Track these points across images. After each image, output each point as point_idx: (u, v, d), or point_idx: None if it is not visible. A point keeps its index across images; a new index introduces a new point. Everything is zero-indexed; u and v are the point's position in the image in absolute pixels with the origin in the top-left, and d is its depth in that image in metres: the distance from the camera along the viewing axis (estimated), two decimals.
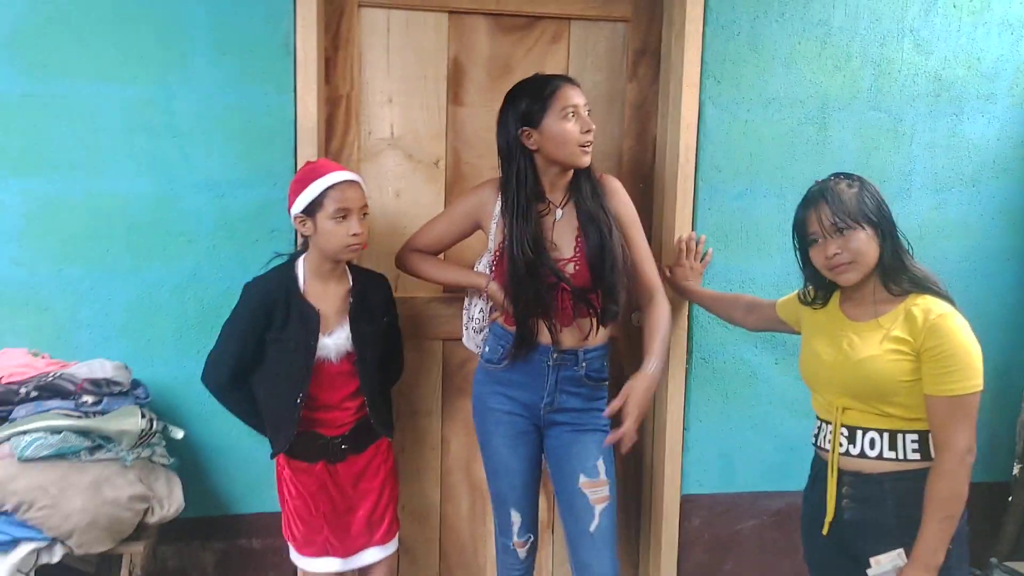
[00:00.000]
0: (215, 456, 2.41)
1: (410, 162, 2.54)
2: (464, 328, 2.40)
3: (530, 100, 2.09)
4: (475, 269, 2.32)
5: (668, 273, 2.52)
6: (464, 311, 2.39)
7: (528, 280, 2.10)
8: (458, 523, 2.72)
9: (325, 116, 2.44)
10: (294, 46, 2.31)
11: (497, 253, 2.19)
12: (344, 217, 2.04)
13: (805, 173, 2.46)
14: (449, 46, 2.52)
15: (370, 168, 2.52)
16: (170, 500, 2.12)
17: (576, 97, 2.09)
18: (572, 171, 2.16)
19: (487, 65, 2.55)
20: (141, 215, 2.30)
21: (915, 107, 2.63)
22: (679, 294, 2.53)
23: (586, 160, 2.12)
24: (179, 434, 2.20)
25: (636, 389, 2.12)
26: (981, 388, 1.76)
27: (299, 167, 2.23)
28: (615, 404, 2.14)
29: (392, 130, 2.52)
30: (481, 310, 2.32)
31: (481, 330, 2.34)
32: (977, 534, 2.85)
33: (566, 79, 2.13)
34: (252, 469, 2.42)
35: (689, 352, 2.62)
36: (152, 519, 2.08)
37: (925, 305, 1.79)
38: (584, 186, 2.16)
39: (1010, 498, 2.83)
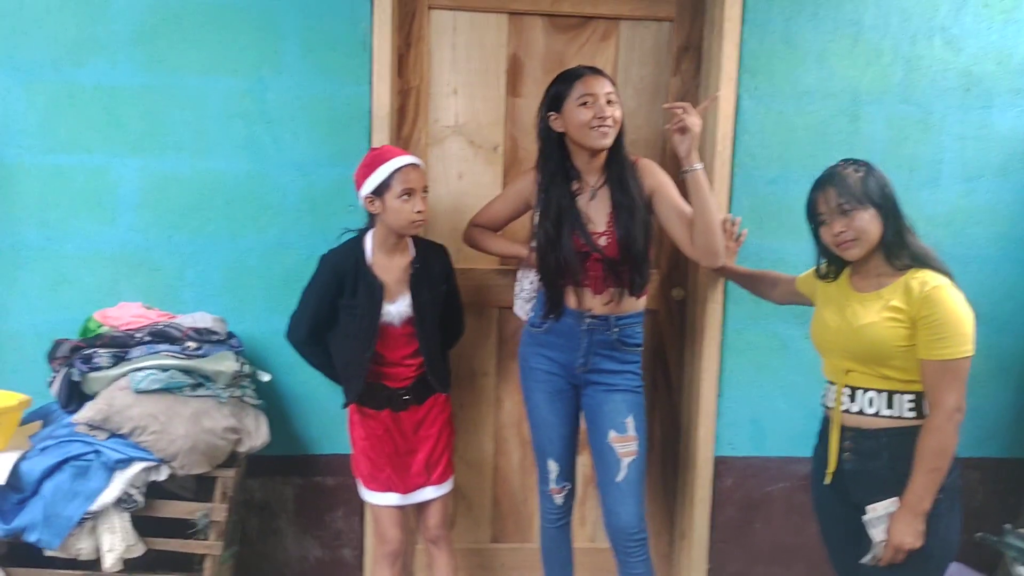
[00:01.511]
0: (296, 402, 2.73)
1: (472, 147, 2.82)
2: (515, 298, 2.66)
3: (557, 88, 2.35)
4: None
5: None
6: (516, 283, 2.66)
7: (550, 248, 2.35)
8: (510, 474, 3.00)
9: (397, 106, 2.74)
10: (371, 44, 2.61)
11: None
12: (409, 196, 2.30)
13: (835, 161, 2.63)
14: (508, 43, 2.79)
15: (436, 152, 2.81)
16: (257, 434, 2.45)
17: (594, 86, 2.31)
18: (604, 154, 2.37)
19: (543, 60, 2.81)
20: (237, 190, 2.63)
21: (945, 100, 2.78)
22: (715, 272, 2.75)
23: (603, 142, 2.32)
24: (266, 377, 2.54)
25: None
26: (971, 353, 1.93)
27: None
28: None
29: (456, 119, 2.81)
30: (531, 282, 2.57)
31: (530, 300, 2.60)
32: (1003, 506, 3.01)
33: (590, 70, 2.35)
34: (327, 415, 2.73)
35: (724, 324, 2.82)
36: (242, 449, 2.42)
37: (922, 278, 1.97)
38: (615, 169, 2.37)
39: None
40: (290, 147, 2.63)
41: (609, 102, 2.31)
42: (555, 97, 2.35)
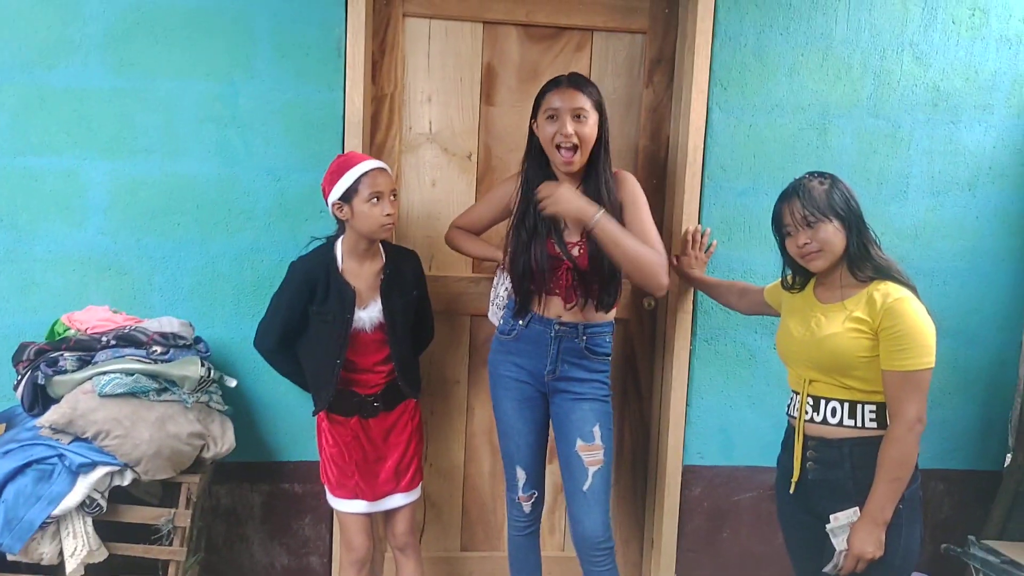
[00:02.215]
0: (264, 408, 2.72)
1: (446, 155, 2.83)
2: (491, 304, 2.66)
3: (538, 95, 2.36)
4: None
5: (675, 261, 2.76)
6: (492, 289, 2.66)
7: (523, 252, 2.36)
8: (480, 482, 3.00)
9: (371, 112, 2.75)
10: (344, 50, 2.61)
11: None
12: (378, 200, 2.30)
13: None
14: (483, 52, 2.80)
15: (410, 159, 2.82)
16: (223, 440, 2.44)
17: (561, 100, 2.27)
18: (582, 168, 2.34)
19: (517, 70, 2.82)
20: (208, 194, 2.63)
21: (913, 115, 2.82)
22: (685, 281, 2.77)
23: (564, 168, 2.31)
24: (232, 383, 2.53)
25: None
26: (932, 365, 1.95)
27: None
28: None
29: (430, 126, 2.82)
30: (507, 288, 2.57)
31: (503, 307, 2.61)
32: (969, 518, 3.05)
33: (569, 80, 2.31)
34: (295, 422, 2.73)
35: (693, 334, 2.85)
36: (207, 455, 2.40)
37: (885, 290, 1.99)
38: (592, 184, 2.34)
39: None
40: (262, 152, 2.63)
41: (577, 117, 2.28)
42: (534, 105, 2.37)
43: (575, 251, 2.37)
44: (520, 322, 2.45)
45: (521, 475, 2.51)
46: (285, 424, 2.74)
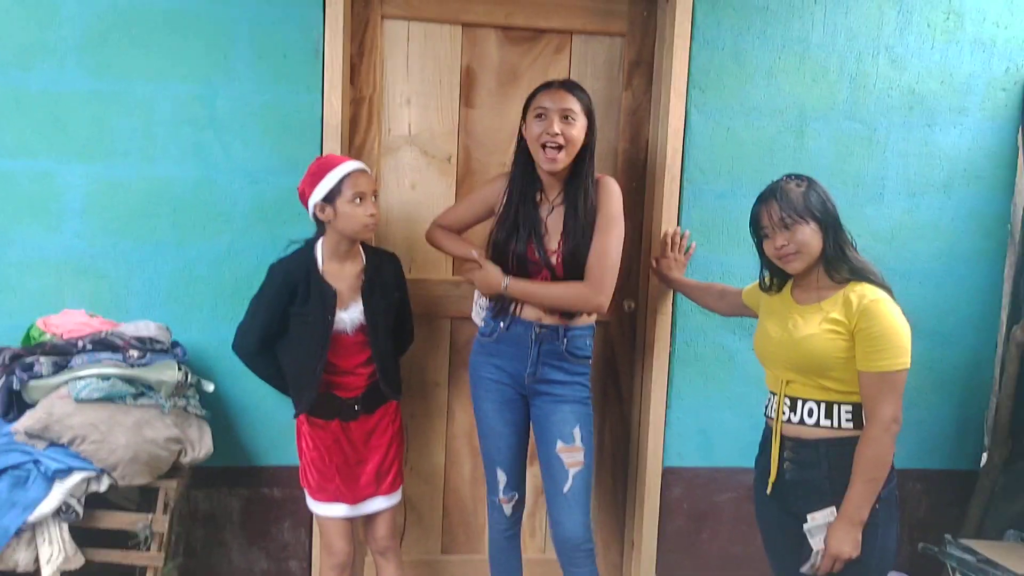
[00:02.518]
0: (243, 413, 2.71)
1: (425, 157, 2.83)
2: (474, 303, 2.66)
3: (529, 96, 2.36)
4: None
5: (654, 264, 2.77)
6: (476, 290, 2.66)
7: (503, 254, 2.38)
8: (461, 485, 3.00)
9: (350, 115, 2.74)
10: (323, 52, 2.60)
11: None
12: (360, 200, 2.31)
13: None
14: (463, 55, 2.80)
15: (389, 162, 2.82)
16: (201, 444, 2.43)
17: (551, 100, 2.29)
18: (565, 171, 2.34)
19: (496, 72, 2.82)
20: (185, 197, 2.61)
21: (889, 118, 2.84)
22: (664, 283, 2.78)
23: (548, 166, 2.30)
24: (210, 387, 2.51)
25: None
26: (908, 366, 1.97)
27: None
28: None
29: (410, 128, 2.81)
30: None
31: (487, 308, 2.60)
32: (946, 517, 3.08)
33: (560, 83, 2.33)
34: (274, 426, 2.71)
35: (673, 336, 2.86)
36: (185, 459, 2.39)
37: (861, 291, 2.01)
38: (572, 190, 2.35)
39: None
40: (240, 154, 2.62)
41: (566, 118, 2.28)
42: (524, 106, 2.37)
43: (553, 258, 2.38)
44: (501, 324, 2.45)
45: (502, 477, 2.51)
46: (264, 428, 2.72)
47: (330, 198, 2.31)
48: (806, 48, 2.78)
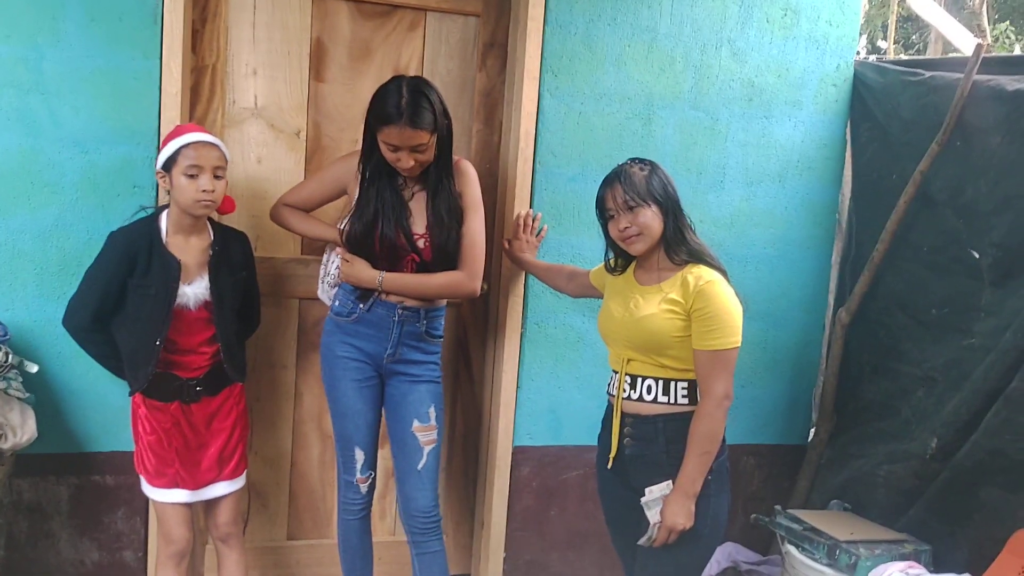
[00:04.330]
0: (71, 396, 2.55)
1: (272, 131, 2.73)
2: (320, 281, 2.61)
3: (374, 111, 2.28)
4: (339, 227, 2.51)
5: (507, 245, 2.79)
6: (322, 266, 2.61)
7: (368, 241, 2.34)
8: (308, 469, 2.94)
9: (191, 83, 2.61)
10: (162, 16, 2.47)
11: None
12: (195, 175, 2.21)
13: None
14: (312, 26, 2.71)
15: (234, 134, 2.70)
16: (23, 429, 2.27)
17: (394, 138, 2.23)
18: None
19: (348, 46, 2.76)
20: (7, 166, 2.42)
21: (730, 109, 2.96)
22: (516, 264, 2.80)
23: (406, 173, 2.32)
24: (33, 368, 2.35)
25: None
26: (739, 344, 2.07)
27: (163, 130, 2.42)
28: None
29: (256, 100, 2.71)
30: (337, 267, 2.53)
31: (335, 285, 2.55)
32: (778, 490, 3.25)
33: (400, 120, 2.21)
34: (107, 410, 2.57)
35: (524, 317, 2.89)
36: (6, 445, 2.23)
37: (698, 273, 2.09)
38: (433, 180, 2.36)
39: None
40: (69, 122, 2.45)
41: (416, 149, 2.26)
42: (369, 117, 2.30)
43: (420, 243, 2.37)
44: (362, 306, 2.41)
45: (360, 456, 2.49)
46: (95, 412, 2.57)
47: (167, 166, 2.23)
48: (654, 37, 2.86)
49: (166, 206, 2.32)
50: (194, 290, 2.29)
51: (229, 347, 2.38)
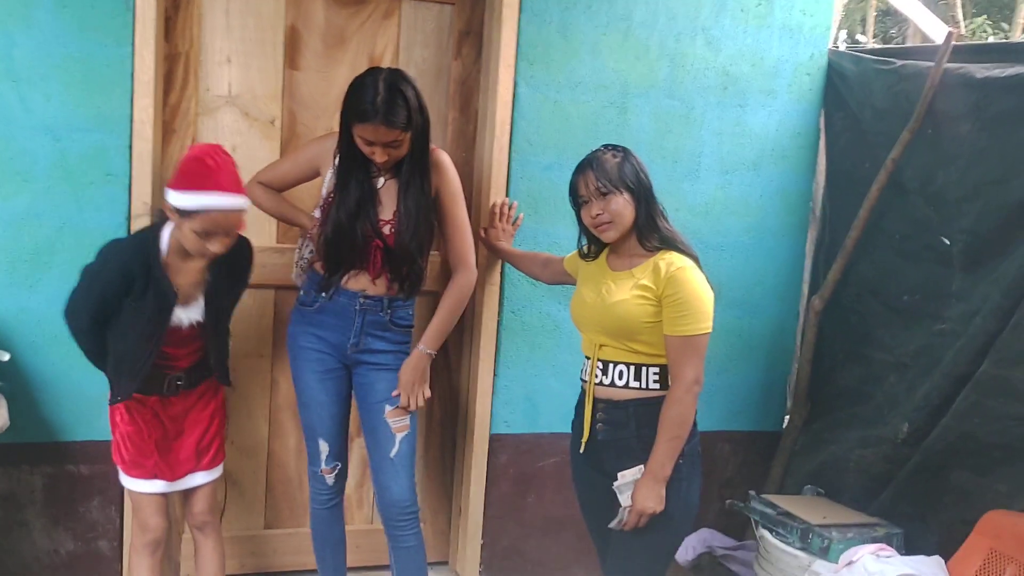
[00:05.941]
0: (45, 385, 2.54)
1: (247, 119, 2.73)
2: (295, 265, 2.60)
3: (350, 106, 2.25)
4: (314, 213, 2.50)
5: (483, 234, 2.80)
6: (297, 249, 2.60)
7: (340, 232, 2.32)
8: (286, 459, 2.94)
9: (164, 71, 2.60)
10: (133, 3, 2.45)
11: (324, 203, 2.41)
12: (207, 237, 2.12)
13: None
14: (287, 14, 2.70)
15: (208, 122, 2.69)
16: None
17: (369, 135, 2.22)
18: None
19: (323, 34, 2.75)
20: None
21: (705, 97, 2.97)
22: (492, 253, 2.81)
23: (382, 167, 2.32)
24: (5, 356, 2.34)
25: (405, 367, 2.43)
26: (710, 330, 2.09)
27: (136, 117, 2.41)
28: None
29: (230, 88, 2.70)
30: (311, 250, 2.51)
31: (307, 269, 2.54)
32: (752, 475, 3.27)
33: (375, 117, 2.19)
34: (81, 399, 2.56)
35: (501, 305, 2.90)
36: None
37: (670, 259, 2.11)
38: (406, 172, 2.34)
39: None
40: (40, 109, 2.44)
41: (391, 144, 2.25)
42: (345, 109, 2.27)
43: (386, 229, 2.36)
44: (324, 295, 2.41)
45: (324, 447, 2.48)
46: (69, 402, 2.57)
47: (184, 214, 2.11)
48: (629, 26, 2.86)
49: (167, 221, 2.22)
50: (188, 314, 2.26)
51: (220, 359, 2.38)
